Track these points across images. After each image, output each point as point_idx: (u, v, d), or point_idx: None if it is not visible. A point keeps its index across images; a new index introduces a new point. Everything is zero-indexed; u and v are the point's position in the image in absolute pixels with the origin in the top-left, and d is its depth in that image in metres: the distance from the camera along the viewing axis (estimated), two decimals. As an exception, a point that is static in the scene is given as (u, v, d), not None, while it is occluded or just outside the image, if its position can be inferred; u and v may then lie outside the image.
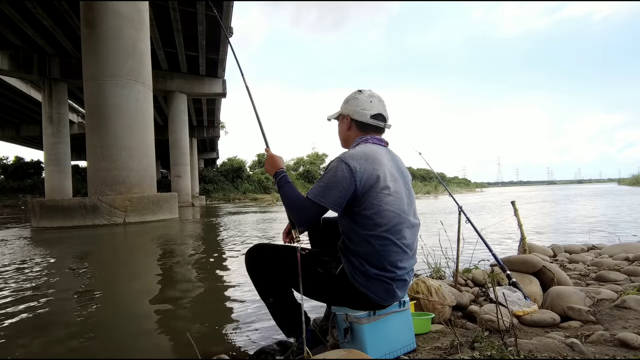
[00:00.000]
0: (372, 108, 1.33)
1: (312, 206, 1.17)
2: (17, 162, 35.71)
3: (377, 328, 1.20)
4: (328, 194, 1.15)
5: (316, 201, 1.16)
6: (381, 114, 1.34)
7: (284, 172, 1.32)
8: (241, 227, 7.04)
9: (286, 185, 1.26)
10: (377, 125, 1.34)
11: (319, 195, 1.16)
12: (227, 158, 41.17)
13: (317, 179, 1.21)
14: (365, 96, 1.35)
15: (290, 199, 1.21)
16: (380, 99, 1.36)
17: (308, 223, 1.22)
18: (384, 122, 1.36)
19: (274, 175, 1.32)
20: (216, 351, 1.48)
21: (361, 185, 1.15)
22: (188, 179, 19.48)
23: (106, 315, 2.06)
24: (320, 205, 1.16)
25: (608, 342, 1.20)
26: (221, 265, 3.44)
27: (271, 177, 1.36)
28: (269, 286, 1.28)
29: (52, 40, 14.20)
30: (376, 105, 1.34)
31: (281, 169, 1.33)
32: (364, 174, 1.15)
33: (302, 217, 1.20)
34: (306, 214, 1.19)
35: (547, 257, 2.87)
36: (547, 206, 11.13)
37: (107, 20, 7.95)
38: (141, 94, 8.39)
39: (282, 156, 1.39)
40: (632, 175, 44.11)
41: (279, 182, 1.29)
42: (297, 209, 1.19)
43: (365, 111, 1.33)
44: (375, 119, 1.33)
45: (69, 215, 7.41)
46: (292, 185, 1.26)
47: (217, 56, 16.52)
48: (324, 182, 1.17)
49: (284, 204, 1.23)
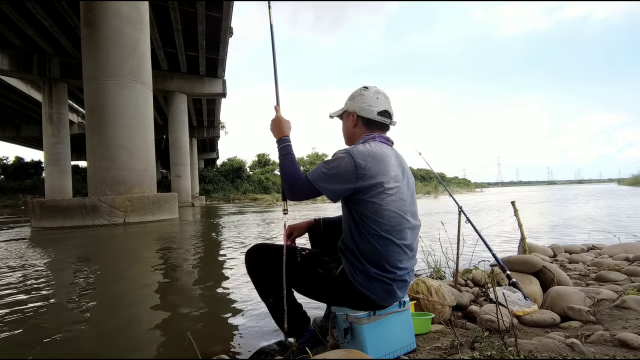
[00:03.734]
0: (379, 105, 1.31)
1: (308, 186, 1.18)
2: (17, 162, 35.76)
3: (377, 328, 1.20)
4: (327, 181, 1.16)
5: (314, 184, 1.17)
6: (387, 110, 1.33)
7: (289, 141, 1.31)
8: (241, 227, 7.04)
9: (288, 156, 1.26)
10: (383, 122, 1.32)
11: (318, 180, 1.17)
12: (227, 158, 41.29)
13: (321, 162, 1.21)
14: (372, 92, 1.33)
15: (289, 172, 1.23)
16: (385, 96, 1.35)
17: (299, 199, 1.24)
18: (390, 119, 1.34)
19: (277, 140, 1.31)
20: (216, 351, 1.48)
21: (362, 182, 1.14)
22: (188, 179, 19.48)
23: (106, 316, 2.06)
24: (316, 188, 1.17)
25: (608, 342, 1.20)
26: (221, 265, 3.44)
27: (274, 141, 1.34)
28: (269, 286, 1.28)
29: (52, 40, 14.21)
30: (382, 102, 1.32)
31: (286, 136, 1.32)
32: (368, 172, 1.14)
33: (295, 193, 1.22)
34: (301, 192, 1.21)
35: (547, 257, 2.87)
36: (547, 207, 11.13)
37: (107, 20, 7.95)
38: (141, 94, 8.39)
39: (290, 121, 1.37)
40: (632, 176, 44.11)
41: (281, 150, 1.28)
42: (293, 184, 1.21)
43: (372, 108, 1.31)
44: (382, 116, 1.31)
45: (69, 216, 7.41)
46: (294, 157, 1.26)
47: (217, 56, 16.52)
48: (327, 168, 1.17)
49: (281, 174, 1.25)
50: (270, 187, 36.00)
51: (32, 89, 20.53)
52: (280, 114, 1.38)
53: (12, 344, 1.64)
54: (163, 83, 17.55)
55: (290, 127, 1.36)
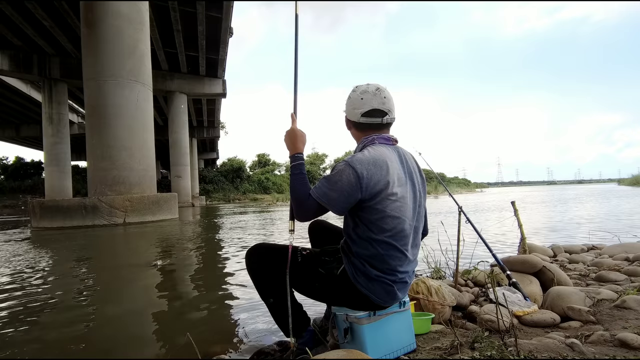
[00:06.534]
0: (363, 105, 1.24)
1: (313, 204, 1.15)
2: (17, 162, 35.77)
3: (377, 328, 1.20)
4: (331, 196, 1.13)
5: (320, 202, 1.14)
6: (376, 108, 1.23)
7: (302, 159, 1.26)
8: (241, 227, 7.04)
9: (299, 176, 1.22)
10: (371, 122, 1.25)
11: (322, 196, 1.14)
12: (227, 158, 41.26)
13: (323, 177, 1.18)
14: (357, 93, 1.26)
15: (299, 193, 1.19)
16: (374, 93, 1.24)
17: (307, 219, 1.21)
18: (382, 117, 1.24)
19: (290, 156, 1.28)
20: (216, 351, 1.48)
21: (367, 192, 1.12)
22: (188, 179, 19.49)
23: (106, 316, 2.06)
24: (322, 206, 1.15)
25: (608, 343, 1.20)
26: (221, 265, 3.44)
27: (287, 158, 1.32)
28: (269, 286, 1.28)
29: (52, 40, 14.21)
30: (369, 101, 1.23)
31: (300, 153, 1.28)
32: (371, 181, 1.12)
33: (303, 214, 1.19)
34: (309, 212, 1.18)
35: (547, 258, 2.87)
36: (547, 207, 11.13)
37: (107, 20, 7.95)
38: (141, 94, 8.39)
39: (305, 133, 1.32)
40: (632, 176, 44.10)
41: (293, 168, 1.24)
42: (302, 206, 1.18)
43: (355, 110, 1.26)
44: (367, 117, 1.24)
45: (69, 216, 7.41)
46: (305, 177, 1.22)
47: (217, 56, 16.52)
48: (330, 183, 1.14)
49: (291, 194, 1.21)
50: (270, 187, 35.99)
51: (32, 89, 20.53)
52: (296, 125, 1.33)
53: (12, 344, 1.64)
54: (163, 83, 17.55)
55: (305, 141, 1.31)
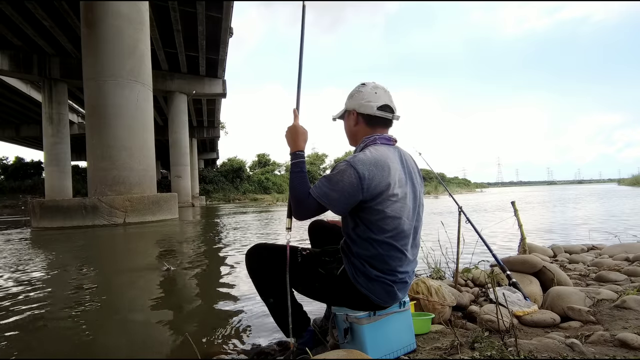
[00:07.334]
0: (378, 99, 1.26)
1: (313, 203, 1.14)
2: (17, 162, 35.78)
3: (377, 328, 1.20)
4: (332, 197, 1.12)
5: (320, 201, 1.14)
6: (388, 104, 1.27)
7: (303, 157, 1.25)
8: (241, 228, 7.04)
9: (299, 174, 1.21)
10: (385, 117, 1.27)
11: (322, 196, 1.13)
12: (227, 158, 41.26)
13: (324, 176, 1.17)
14: (369, 88, 1.29)
15: (298, 191, 1.17)
16: (385, 90, 1.29)
17: (305, 218, 1.20)
18: (392, 113, 1.29)
19: (291, 153, 1.27)
20: (216, 351, 1.48)
21: (368, 193, 1.11)
22: (188, 179, 19.48)
23: (105, 316, 2.06)
24: (322, 206, 1.14)
25: (608, 343, 1.20)
26: (221, 265, 3.44)
27: (288, 154, 1.29)
28: (269, 286, 1.27)
29: (52, 40, 14.21)
30: (382, 96, 1.27)
31: (301, 150, 1.26)
32: (373, 182, 1.11)
33: (302, 213, 1.18)
34: (308, 211, 1.17)
35: (547, 258, 2.87)
36: (548, 207, 11.13)
37: (107, 20, 7.95)
38: (141, 94, 8.39)
39: (307, 131, 1.30)
40: (632, 176, 44.11)
41: (293, 166, 1.23)
42: (301, 204, 1.17)
43: (371, 103, 1.26)
44: (382, 110, 1.26)
45: (69, 216, 7.41)
46: (305, 176, 1.20)
47: (217, 56, 16.52)
48: (331, 183, 1.13)
49: (290, 192, 1.20)
50: (270, 187, 35.99)
51: (32, 89, 20.54)
52: (298, 121, 1.31)
53: (12, 344, 1.64)
54: (163, 83, 17.55)
55: (307, 139, 1.29)
